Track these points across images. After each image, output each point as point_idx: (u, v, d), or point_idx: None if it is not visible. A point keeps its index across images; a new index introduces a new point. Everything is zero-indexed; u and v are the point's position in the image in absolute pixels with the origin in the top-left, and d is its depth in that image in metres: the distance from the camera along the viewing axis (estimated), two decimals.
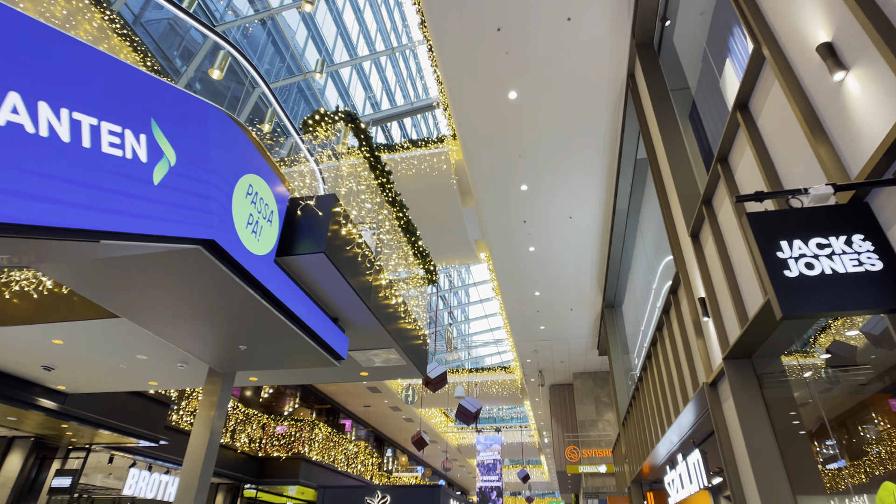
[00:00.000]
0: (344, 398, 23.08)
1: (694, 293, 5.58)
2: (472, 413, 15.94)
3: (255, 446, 15.89)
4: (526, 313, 15.11)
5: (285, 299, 4.55)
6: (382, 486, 11.15)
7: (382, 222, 6.37)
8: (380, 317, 5.84)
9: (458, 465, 36.80)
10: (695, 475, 7.26)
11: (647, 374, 8.97)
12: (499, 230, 11.33)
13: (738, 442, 4.65)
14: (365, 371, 7.28)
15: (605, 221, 10.94)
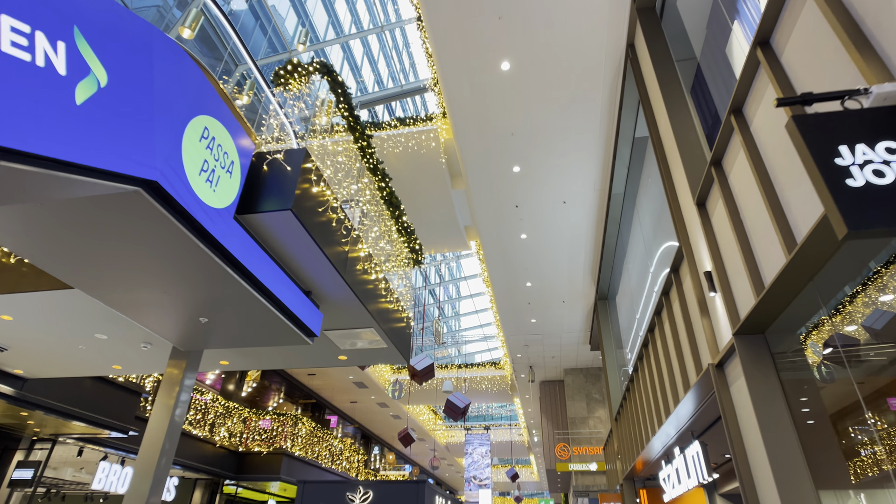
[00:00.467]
0: (330, 394, 22.54)
1: (699, 268, 5.15)
2: (460, 409, 15.48)
3: (236, 441, 15.32)
4: (517, 305, 14.66)
5: (248, 263, 4.06)
6: (365, 482, 10.66)
7: (362, 191, 5.88)
8: (358, 292, 5.36)
9: (446, 464, 36.33)
10: (693, 469, 6.84)
11: (643, 365, 8.55)
12: (490, 215, 10.87)
13: (749, 428, 4.22)
14: (343, 355, 6.79)
15: (601, 207, 10.52)
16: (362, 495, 10.58)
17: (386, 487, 10.72)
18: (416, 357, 12.16)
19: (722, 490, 10.66)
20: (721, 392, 4.62)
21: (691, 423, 6.90)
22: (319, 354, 6.77)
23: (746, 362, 4.05)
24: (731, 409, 4.53)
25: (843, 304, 3.57)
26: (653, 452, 9.01)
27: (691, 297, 5.48)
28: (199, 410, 13.70)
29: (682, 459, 7.51)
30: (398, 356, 6.80)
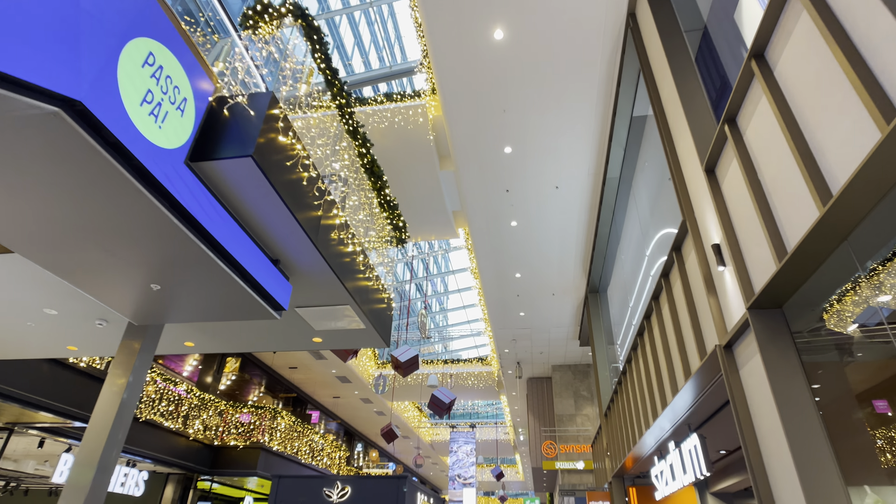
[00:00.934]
0: (312, 388, 21.95)
1: (705, 242, 4.73)
2: (445, 404, 15.00)
3: (211, 434, 14.71)
4: (505, 298, 14.22)
5: (203, 218, 3.55)
6: (343, 477, 10.13)
7: (340, 155, 5.38)
8: (333, 264, 4.86)
9: (430, 463, 35.84)
10: (690, 464, 6.43)
11: (638, 355, 8.14)
12: (479, 199, 10.41)
13: (763, 414, 3.80)
14: (318, 337, 6.28)
15: (594, 192, 10.11)
16: (340, 491, 10.07)
17: (365, 483, 10.21)
18: (399, 348, 11.67)
19: (714, 488, 10.31)
20: (730, 375, 4.20)
21: (688, 416, 6.49)
22: (292, 336, 6.25)
23: (763, 339, 3.62)
24: (740, 393, 4.11)
25: (874, 273, 3.16)
26: (645, 448, 8.61)
27: (696, 275, 5.06)
28: (171, 402, 13.08)
29: (676, 454, 7.11)
30: (378, 339, 6.31)
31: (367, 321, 5.87)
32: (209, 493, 15.27)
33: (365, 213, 5.94)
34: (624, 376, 9.22)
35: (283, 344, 6.45)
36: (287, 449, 16.19)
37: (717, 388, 5.25)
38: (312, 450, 18.36)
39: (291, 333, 6.19)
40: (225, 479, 16.03)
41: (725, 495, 10.39)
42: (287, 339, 6.34)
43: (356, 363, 19.74)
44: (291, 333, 6.19)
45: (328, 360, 18.77)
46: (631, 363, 8.65)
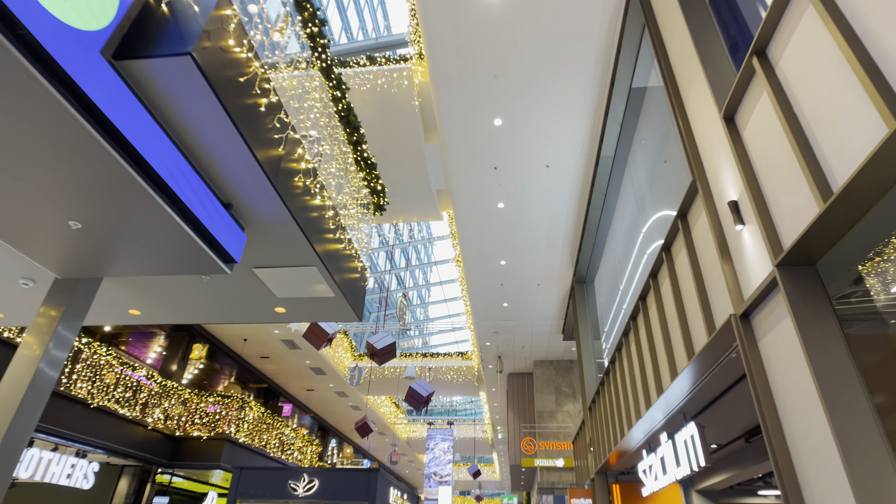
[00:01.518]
0: (284, 380, 21.13)
1: (719, 202, 4.19)
2: (423, 397, 14.35)
3: (173, 424, 13.86)
4: (489, 287, 13.66)
5: (127, 128, 2.88)
6: (310, 469, 9.47)
7: (308, 94, 4.73)
8: (297, 215, 4.22)
9: (406, 460, 35.17)
10: (686, 455, 5.91)
11: (629, 342, 7.62)
12: (465, 177, 9.81)
13: (788, 389, 3.26)
14: (281, 306, 5.61)
15: (586, 173, 9.59)
16: (306, 484, 9.39)
17: (334, 476, 9.56)
18: (376, 335, 11.02)
19: (699, 486, 9.86)
20: (747, 348, 3.65)
21: (684, 405, 5.98)
22: (251, 305, 5.58)
23: (795, 300, 3.08)
24: (759, 367, 3.57)
25: None
26: (632, 442, 8.10)
27: (705, 242, 4.53)
28: (129, 388, 12.23)
29: (669, 447, 6.60)
30: (349, 310, 5.67)
31: (338, 289, 5.23)
32: (168, 488, 14.39)
33: (338, 165, 5.30)
34: (613, 366, 8.71)
35: (240, 314, 5.77)
36: (255, 441, 15.39)
37: (723, 369, 4.73)
38: (282, 443, 17.58)
39: (250, 302, 5.51)
40: (187, 473, 15.18)
41: (711, 493, 9.96)
42: (245, 309, 5.66)
43: (331, 354, 19.01)
44: (250, 302, 5.51)
45: (302, 350, 18.01)
46: (621, 351, 8.13)
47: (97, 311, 5.69)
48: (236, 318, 5.87)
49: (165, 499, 13.99)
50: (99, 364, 11.21)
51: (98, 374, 11.16)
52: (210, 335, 16.88)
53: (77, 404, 10.51)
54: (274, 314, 5.75)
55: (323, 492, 9.20)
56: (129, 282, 5.11)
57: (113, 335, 16.96)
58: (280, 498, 9.29)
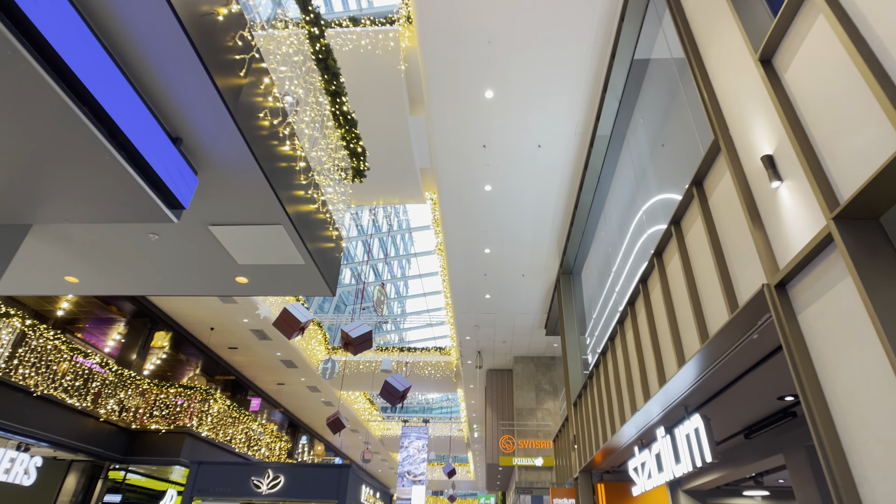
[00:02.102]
0: (254, 372, 20.22)
1: (748, 159, 3.67)
2: (399, 392, 13.70)
3: (129, 416, 12.95)
4: (471, 277, 13.08)
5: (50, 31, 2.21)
6: (276, 465, 8.75)
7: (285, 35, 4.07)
8: (261, 158, 3.57)
9: (379, 459, 34.41)
10: (687, 451, 5.40)
11: (624, 332, 7.11)
12: (452, 154, 9.21)
13: (839, 367, 2.74)
14: (243, 276, 4.93)
15: (580, 154, 9.07)
16: (271, 480, 8.67)
17: (301, 472, 8.85)
18: (351, 323, 10.35)
19: (687, 486, 9.44)
20: (785, 322, 3.13)
21: (686, 396, 5.49)
22: (208, 273, 4.88)
23: (859, 259, 2.55)
24: (800, 344, 3.05)
25: None
26: (623, 438, 7.61)
27: (728, 208, 4.01)
28: (78, 376, 11.30)
29: (667, 442, 6.10)
30: (321, 282, 5.01)
31: (308, 255, 4.57)
32: (122, 485, 13.44)
33: (313, 115, 4.64)
34: (603, 357, 8.21)
35: (196, 284, 5.06)
36: (218, 436, 14.55)
37: (741, 352, 4.23)
38: (249, 438, 16.74)
39: (207, 269, 4.81)
40: (144, 469, 14.23)
41: (699, 493, 9.56)
42: (202, 278, 4.96)
43: (303, 346, 18.22)
44: (207, 269, 4.81)
45: (273, 342, 17.18)
46: (614, 341, 7.63)
47: (27, 277, 4.93)
48: (191, 289, 5.16)
49: (118, 496, 13.06)
50: (46, 349, 10.28)
51: (44, 360, 10.24)
52: (174, 322, 15.94)
53: (18, 392, 9.58)
54: (235, 285, 5.06)
55: (289, 489, 8.50)
56: (63, 242, 4.38)
57: (68, 321, 15.91)
58: (242, 495, 8.56)
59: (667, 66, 6.78)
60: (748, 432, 6.40)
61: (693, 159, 5.68)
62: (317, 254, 4.77)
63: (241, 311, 15.06)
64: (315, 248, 4.72)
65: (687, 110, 6.40)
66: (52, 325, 15.30)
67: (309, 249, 4.52)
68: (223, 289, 5.12)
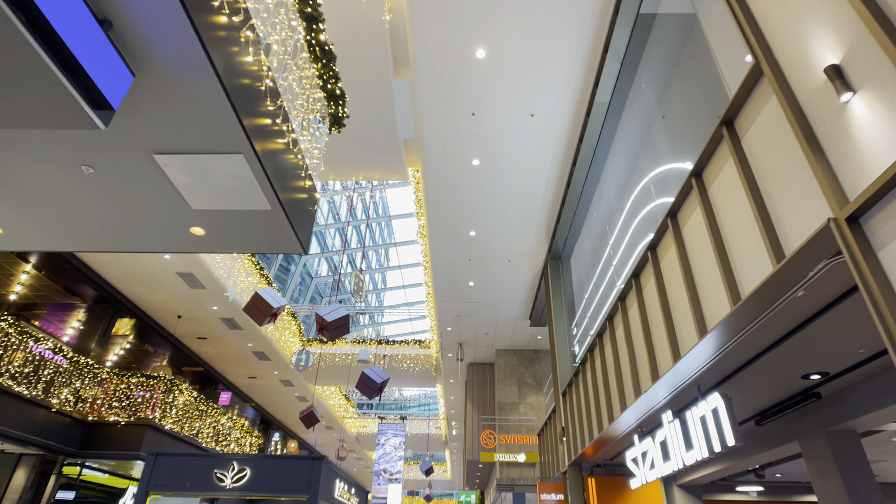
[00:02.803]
0: (224, 365, 19.24)
1: (801, 77, 3.10)
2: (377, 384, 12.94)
3: (85, 407, 11.98)
4: (455, 261, 12.44)
5: None
6: (241, 457, 7.99)
7: None
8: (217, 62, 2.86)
9: (354, 458, 33.52)
10: (703, 436, 4.84)
11: (626, 309, 6.54)
12: (439, 122, 8.56)
13: None
14: (198, 226, 4.20)
15: (575, 125, 8.50)
16: (236, 473, 7.89)
17: (270, 464, 8.10)
18: (327, 307, 9.62)
19: (682, 480, 8.96)
20: (864, 260, 2.56)
21: (701, 375, 4.93)
22: (157, 223, 4.14)
23: None
24: (885, 285, 2.47)
25: None
26: (621, 427, 7.04)
27: (773, 141, 3.42)
28: (28, 362, 10.33)
29: (674, 427, 5.54)
30: (290, 236, 4.31)
31: (275, 199, 3.87)
32: (77, 481, 12.45)
33: (284, 34, 3.93)
34: (600, 339, 7.64)
35: (142, 237, 4.30)
36: (184, 429, 13.63)
37: (779, 315, 3.67)
38: (218, 433, 15.82)
39: (154, 217, 4.07)
40: (104, 465, 13.24)
41: (693, 488, 9.08)
42: (149, 229, 4.21)
43: (277, 336, 17.36)
44: (154, 217, 4.07)
45: (244, 331, 16.29)
46: (613, 321, 7.06)
47: None
48: (138, 244, 4.40)
49: (72, 493, 12.07)
50: None
51: None
52: (138, 309, 14.95)
53: None
54: (190, 238, 4.32)
55: (256, 483, 7.74)
56: None
57: (24, 306, 14.82)
58: (203, 490, 7.77)
59: (673, 21, 6.26)
60: (760, 418, 5.89)
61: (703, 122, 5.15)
62: (287, 202, 4.07)
63: (210, 298, 14.17)
64: (285, 195, 4.01)
65: (698, 69, 5.87)
66: (6, 309, 14.21)
67: (276, 191, 3.81)
68: (176, 243, 4.37)
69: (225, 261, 13.52)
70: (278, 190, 3.84)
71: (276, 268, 20.11)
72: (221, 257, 13.27)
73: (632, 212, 7.64)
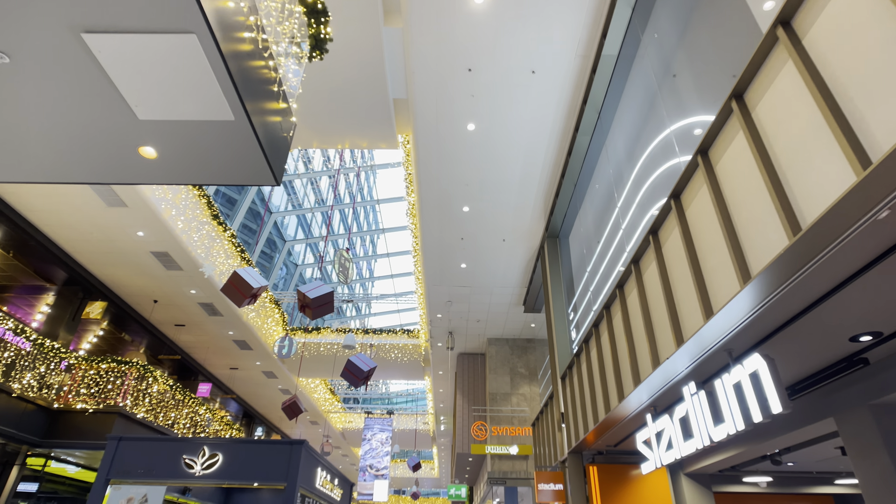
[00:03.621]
0: (203, 355, 18.38)
1: None
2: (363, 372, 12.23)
3: (50, 394, 11.14)
4: (447, 241, 11.77)
5: None
6: (213, 441, 7.25)
7: None
8: None
9: (339, 454, 32.71)
10: (737, 406, 4.23)
11: (641, 271, 5.92)
12: (433, 78, 7.89)
13: None
14: (149, 144, 3.49)
15: (579, 85, 7.88)
16: (207, 459, 7.15)
17: (244, 449, 7.37)
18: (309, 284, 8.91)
19: (690, 469, 8.37)
20: None
21: (732, 338, 4.32)
22: (97, 141, 3.42)
23: None
24: None
25: None
26: (630, 406, 6.42)
27: (851, 28, 2.81)
28: None
29: (698, 400, 4.92)
30: (260, 163, 3.62)
31: (241, 107, 3.17)
32: (42, 473, 11.60)
33: None
34: (607, 311, 7.01)
35: (77, 161, 3.57)
36: (158, 419, 12.81)
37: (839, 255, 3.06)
38: (195, 424, 14.99)
39: (92, 131, 3.34)
40: (75, 458, 12.38)
41: (702, 476, 8.50)
42: (85, 150, 3.48)
43: (259, 324, 16.56)
44: (92, 131, 3.34)
45: (224, 318, 15.48)
46: (624, 288, 6.43)
47: None
48: (72, 172, 3.66)
49: (35, 485, 11.22)
50: None
51: None
52: (111, 293, 14.08)
53: None
54: (139, 163, 3.60)
55: (228, 469, 7.01)
56: None
57: None
58: (170, 477, 7.03)
59: None
60: (791, 392, 5.30)
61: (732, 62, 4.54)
62: (256, 116, 3.37)
63: (188, 280, 13.36)
64: (253, 106, 3.31)
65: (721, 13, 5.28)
66: None
67: (241, 97, 3.11)
68: (120, 170, 3.65)
69: (203, 240, 12.73)
70: (244, 95, 3.14)
71: (258, 254, 19.30)
72: (199, 236, 12.48)
73: (645, 169, 7.03)
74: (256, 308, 16.37)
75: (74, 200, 10.19)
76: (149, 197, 10.46)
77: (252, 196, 18.00)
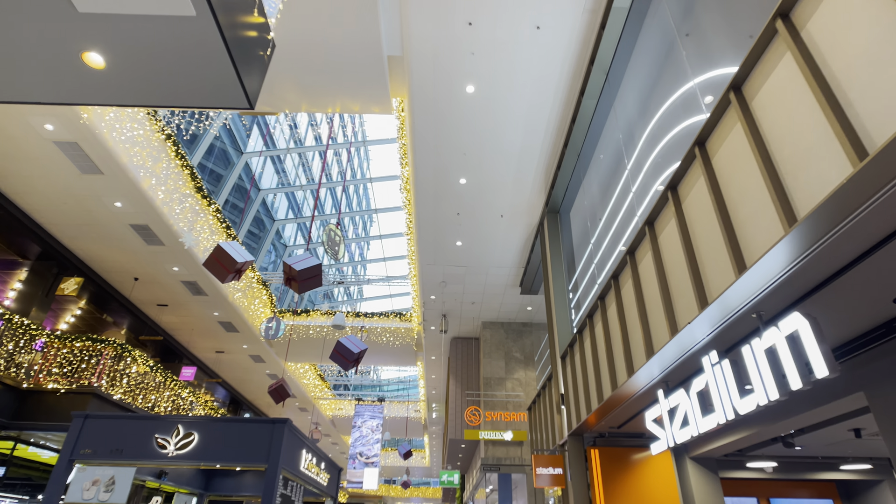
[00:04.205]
0: (188, 337, 17.81)
1: None
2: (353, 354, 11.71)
3: (20, 374, 10.54)
4: (442, 216, 11.25)
5: None
6: (188, 419, 6.73)
7: None
8: None
9: (329, 442, 32.30)
10: (769, 373, 3.76)
11: (655, 234, 5.43)
12: (430, 32, 7.32)
13: None
14: (94, 49, 2.92)
15: (586, 42, 7.35)
16: (181, 438, 6.62)
17: (221, 428, 6.85)
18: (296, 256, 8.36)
19: (695, 452, 7.96)
20: None
21: (763, 299, 3.85)
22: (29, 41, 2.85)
23: None
24: None
25: None
26: (639, 382, 5.97)
27: None
28: None
29: (721, 371, 4.45)
30: (231, 79, 3.06)
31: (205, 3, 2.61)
32: (11, 458, 11.02)
33: None
34: (615, 280, 6.52)
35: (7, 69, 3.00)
36: (136, 401, 12.25)
37: None
38: (178, 408, 14.44)
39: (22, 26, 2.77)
40: (41, 438, 11.80)
41: (708, 461, 8.10)
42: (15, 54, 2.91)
43: (245, 306, 15.99)
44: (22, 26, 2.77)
45: (209, 298, 14.91)
46: (635, 255, 5.95)
47: None
48: (3, 87, 3.09)
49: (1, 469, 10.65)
50: None
51: None
52: (88, 269, 13.46)
53: None
54: (83, 75, 3.03)
55: (204, 449, 6.49)
56: None
57: None
58: (141, 458, 6.50)
59: None
60: None
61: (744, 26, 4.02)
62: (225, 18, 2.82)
63: (170, 256, 12.77)
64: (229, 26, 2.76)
65: None
66: None
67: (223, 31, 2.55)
68: (60, 84, 3.07)
69: (185, 213, 12.11)
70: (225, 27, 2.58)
71: (245, 233, 18.68)
72: (181, 208, 11.85)
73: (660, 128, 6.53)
74: (243, 288, 15.79)
75: (44, 164, 9.55)
76: (126, 164, 9.83)
77: (239, 171, 17.34)
